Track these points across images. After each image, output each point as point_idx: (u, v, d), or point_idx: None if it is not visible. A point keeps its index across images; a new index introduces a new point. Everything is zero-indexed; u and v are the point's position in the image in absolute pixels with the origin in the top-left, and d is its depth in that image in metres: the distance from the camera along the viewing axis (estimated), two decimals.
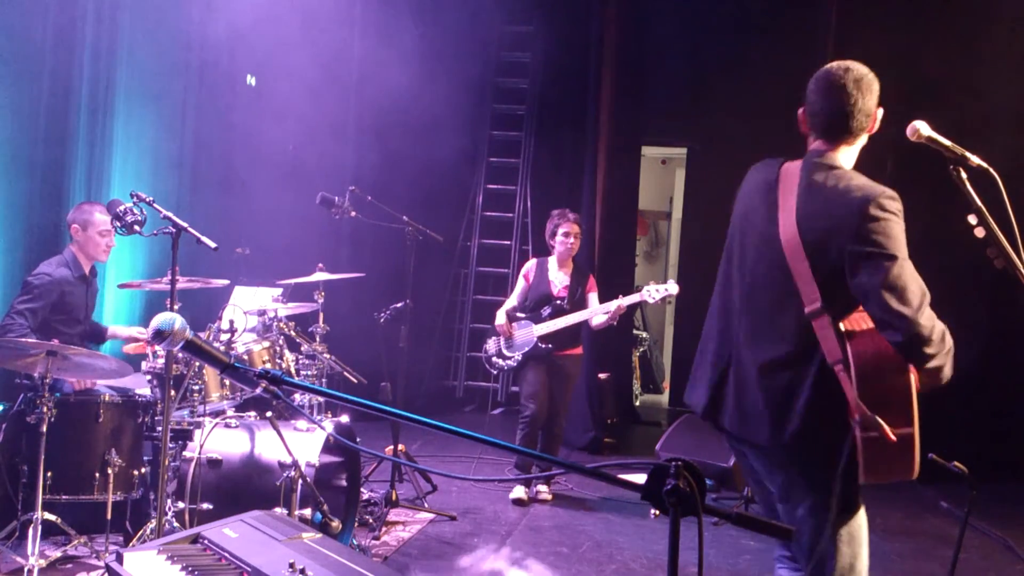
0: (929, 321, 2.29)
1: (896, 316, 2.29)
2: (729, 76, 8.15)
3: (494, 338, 5.63)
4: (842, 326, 2.39)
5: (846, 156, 2.55)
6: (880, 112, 2.53)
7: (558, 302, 5.46)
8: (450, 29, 7.81)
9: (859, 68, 2.53)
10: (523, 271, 5.69)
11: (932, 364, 2.31)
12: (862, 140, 2.56)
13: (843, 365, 2.35)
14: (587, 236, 7.65)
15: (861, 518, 2.54)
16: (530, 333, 5.47)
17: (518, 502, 5.40)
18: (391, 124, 7.50)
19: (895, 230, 2.34)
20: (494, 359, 5.61)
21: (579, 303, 5.49)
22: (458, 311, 8.72)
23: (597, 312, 5.37)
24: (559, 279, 5.55)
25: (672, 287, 5.23)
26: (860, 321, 2.40)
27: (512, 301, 5.66)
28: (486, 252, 8.72)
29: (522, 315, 5.55)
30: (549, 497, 5.56)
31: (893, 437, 2.28)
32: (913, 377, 2.33)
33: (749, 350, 2.56)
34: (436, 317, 8.50)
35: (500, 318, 5.54)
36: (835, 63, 2.56)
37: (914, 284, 2.31)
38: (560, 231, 5.48)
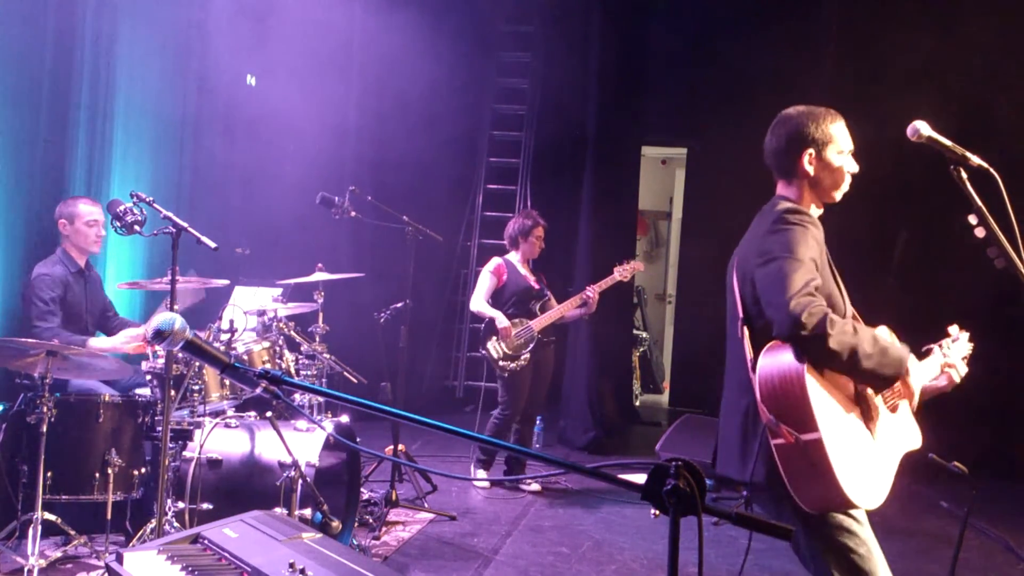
0: (801, 306, 2.16)
1: (773, 307, 2.23)
2: (729, 76, 8.15)
3: (493, 340, 5.58)
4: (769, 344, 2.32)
5: (800, 197, 2.49)
6: (808, 155, 2.45)
7: (542, 295, 5.68)
8: (450, 29, 7.81)
9: (788, 110, 2.53)
10: (492, 269, 5.70)
11: (826, 355, 2.18)
12: (805, 181, 2.47)
13: (753, 371, 2.31)
14: (587, 236, 7.66)
15: (862, 556, 2.41)
16: (530, 330, 5.58)
17: (484, 488, 5.59)
18: (391, 124, 7.50)
19: (791, 238, 2.30)
20: (501, 363, 5.55)
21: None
22: (458, 311, 8.70)
23: (575, 303, 5.62)
24: (529, 275, 5.74)
25: (638, 264, 5.82)
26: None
27: (480, 299, 5.64)
28: (486, 252, 8.68)
29: (513, 314, 5.63)
30: (538, 488, 5.66)
31: (791, 437, 2.21)
32: (814, 383, 2.22)
33: (724, 385, 2.55)
34: (436, 317, 8.50)
35: (502, 320, 5.52)
36: None
37: (798, 276, 2.21)
38: (534, 233, 5.70)
